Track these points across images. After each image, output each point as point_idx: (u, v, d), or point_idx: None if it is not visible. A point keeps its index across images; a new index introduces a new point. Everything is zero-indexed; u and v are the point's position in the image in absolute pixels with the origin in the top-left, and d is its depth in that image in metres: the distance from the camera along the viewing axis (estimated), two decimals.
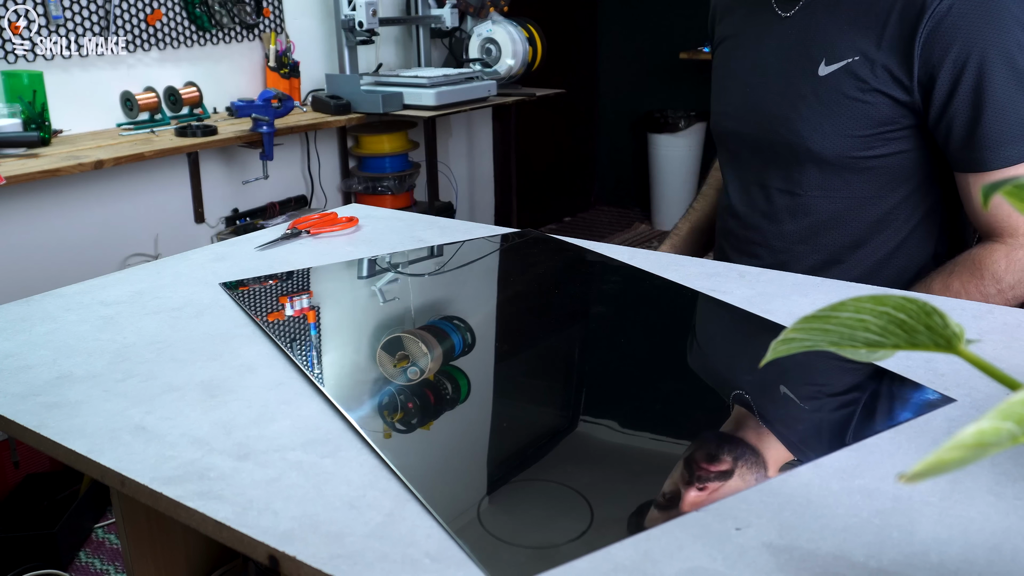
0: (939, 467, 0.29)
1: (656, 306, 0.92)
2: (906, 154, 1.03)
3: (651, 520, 0.51)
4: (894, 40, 0.97)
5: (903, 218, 1.06)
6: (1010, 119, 0.94)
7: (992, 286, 0.97)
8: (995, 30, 0.93)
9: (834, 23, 1.03)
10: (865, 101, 1.00)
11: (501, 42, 3.24)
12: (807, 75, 1.04)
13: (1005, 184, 0.39)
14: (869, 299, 0.42)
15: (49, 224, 2.37)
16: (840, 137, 1.03)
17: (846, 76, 1.01)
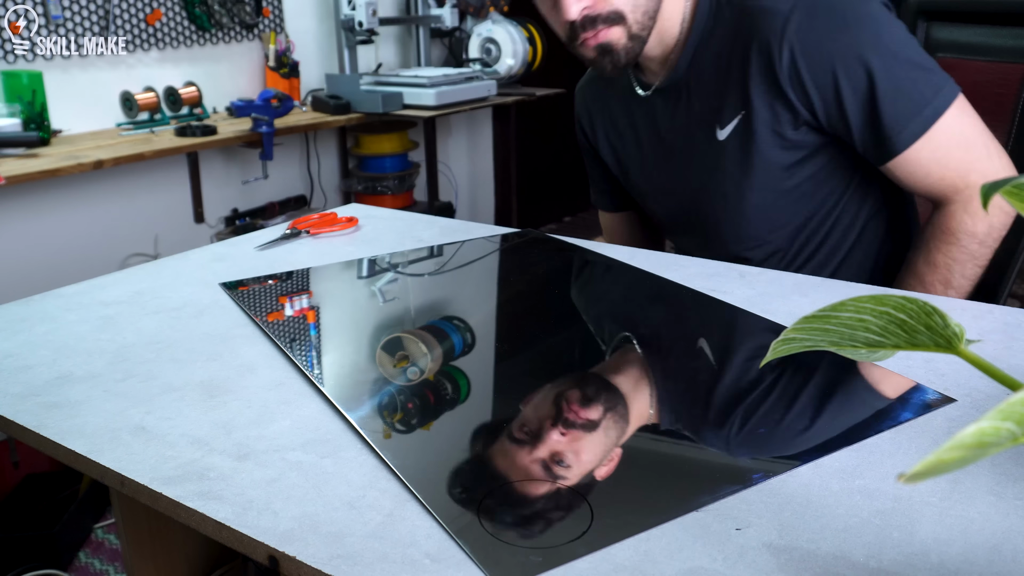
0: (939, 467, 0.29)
1: (656, 306, 0.92)
2: (828, 166, 1.05)
3: (499, 452, 0.52)
4: (764, 84, 1.00)
5: (848, 220, 1.09)
6: (900, 100, 0.96)
7: (971, 243, 0.99)
8: (842, 35, 0.96)
9: (707, 89, 1.05)
10: (767, 146, 1.03)
11: (501, 42, 3.24)
12: (709, 144, 1.07)
13: (1005, 184, 0.39)
14: (869, 299, 0.42)
15: (49, 224, 2.37)
16: (764, 186, 1.05)
17: (741, 132, 1.03)
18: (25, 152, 2.14)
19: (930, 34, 1.26)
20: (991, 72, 1.17)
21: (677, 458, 0.61)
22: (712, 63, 1.04)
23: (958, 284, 1.00)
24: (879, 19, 0.97)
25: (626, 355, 0.78)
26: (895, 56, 0.96)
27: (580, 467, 0.58)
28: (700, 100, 1.06)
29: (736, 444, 0.62)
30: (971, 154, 0.98)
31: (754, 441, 0.62)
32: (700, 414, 0.67)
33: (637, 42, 1.02)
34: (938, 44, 1.24)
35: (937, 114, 0.96)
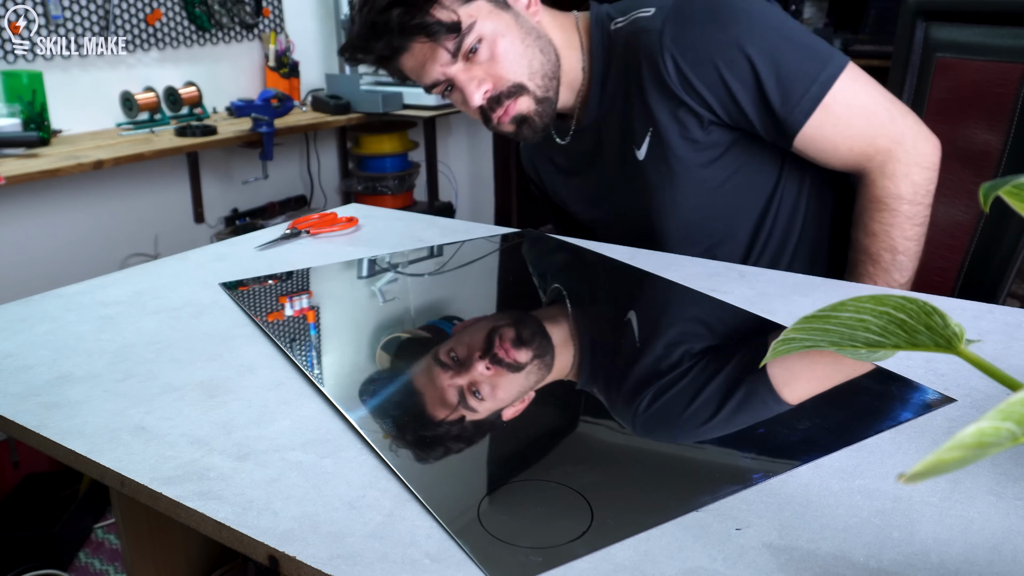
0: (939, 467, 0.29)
1: (656, 306, 0.92)
2: (753, 158, 1.07)
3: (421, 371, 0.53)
4: (662, 98, 1.02)
5: (791, 204, 1.10)
6: (785, 81, 0.98)
7: (900, 204, 1.00)
8: (716, 32, 0.98)
9: (617, 117, 1.08)
10: (684, 151, 1.05)
11: None
12: (633, 168, 1.09)
13: (1005, 184, 0.39)
14: (869, 299, 0.42)
15: (49, 224, 2.37)
16: (695, 192, 1.07)
17: (656, 147, 1.06)
18: (25, 152, 2.14)
19: (929, 34, 1.26)
20: (991, 72, 1.17)
21: (677, 458, 0.61)
22: (616, 94, 1.08)
23: (903, 247, 1.01)
24: (750, 9, 0.99)
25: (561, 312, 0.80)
26: (772, 40, 0.98)
27: (492, 403, 0.59)
28: (615, 130, 1.10)
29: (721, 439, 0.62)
30: (873, 120, 0.99)
31: (753, 441, 0.62)
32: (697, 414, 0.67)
33: (547, 104, 1.05)
34: (937, 44, 1.24)
35: (825, 88, 0.97)
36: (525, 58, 1.02)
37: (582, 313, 0.91)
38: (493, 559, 0.48)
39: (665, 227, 1.11)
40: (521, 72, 1.01)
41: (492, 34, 0.99)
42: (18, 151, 2.14)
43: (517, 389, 0.66)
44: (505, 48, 1.00)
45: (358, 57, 1.04)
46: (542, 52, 1.03)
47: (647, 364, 0.76)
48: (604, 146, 1.12)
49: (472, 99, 1.01)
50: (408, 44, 1.00)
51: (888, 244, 1.01)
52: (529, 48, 1.02)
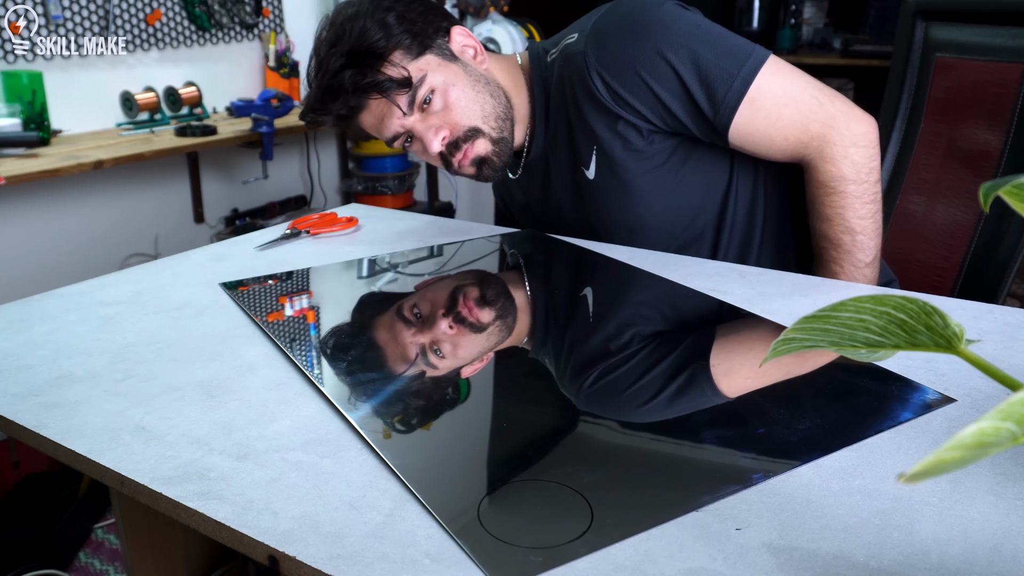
0: (939, 467, 0.29)
1: (656, 306, 0.92)
2: (697, 158, 1.08)
3: (382, 324, 0.54)
4: (599, 115, 1.04)
5: (748, 198, 1.11)
6: (706, 80, 0.99)
7: (846, 185, 1.01)
8: (632, 44, 1.00)
9: (562, 145, 1.10)
10: (631, 162, 1.05)
11: (501, 42, 3.24)
12: (586, 187, 1.10)
13: (1005, 184, 0.39)
14: (869, 299, 0.42)
15: (49, 224, 2.37)
16: (652, 199, 1.08)
17: (604, 162, 1.07)
18: (25, 152, 2.14)
19: (929, 34, 1.26)
20: (990, 72, 1.17)
21: (677, 458, 0.61)
22: (559, 121, 1.10)
23: (860, 227, 1.02)
24: (663, 18, 1.00)
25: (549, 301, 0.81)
26: (689, 44, 0.99)
27: (453, 361, 0.60)
28: (563, 156, 1.12)
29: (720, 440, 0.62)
30: (802, 108, 1.00)
31: (753, 441, 0.62)
32: (697, 413, 0.67)
33: (503, 144, 1.08)
34: (937, 44, 1.24)
35: (748, 83, 0.98)
36: (477, 103, 1.05)
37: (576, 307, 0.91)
38: (493, 559, 0.48)
39: (628, 239, 1.12)
40: (475, 116, 1.05)
41: (443, 84, 1.03)
42: (18, 151, 2.14)
43: (478, 349, 0.70)
44: (457, 96, 1.04)
45: (319, 120, 1.06)
46: (492, 96, 1.07)
47: (647, 366, 0.76)
48: (553, 174, 1.14)
49: (431, 146, 1.04)
50: (364, 102, 1.03)
51: (844, 226, 1.02)
52: (479, 94, 1.06)
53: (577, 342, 0.75)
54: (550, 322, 0.78)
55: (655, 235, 1.11)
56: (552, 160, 1.14)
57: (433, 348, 0.61)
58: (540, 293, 0.96)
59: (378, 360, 0.55)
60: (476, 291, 0.72)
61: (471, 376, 0.74)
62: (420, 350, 0.59)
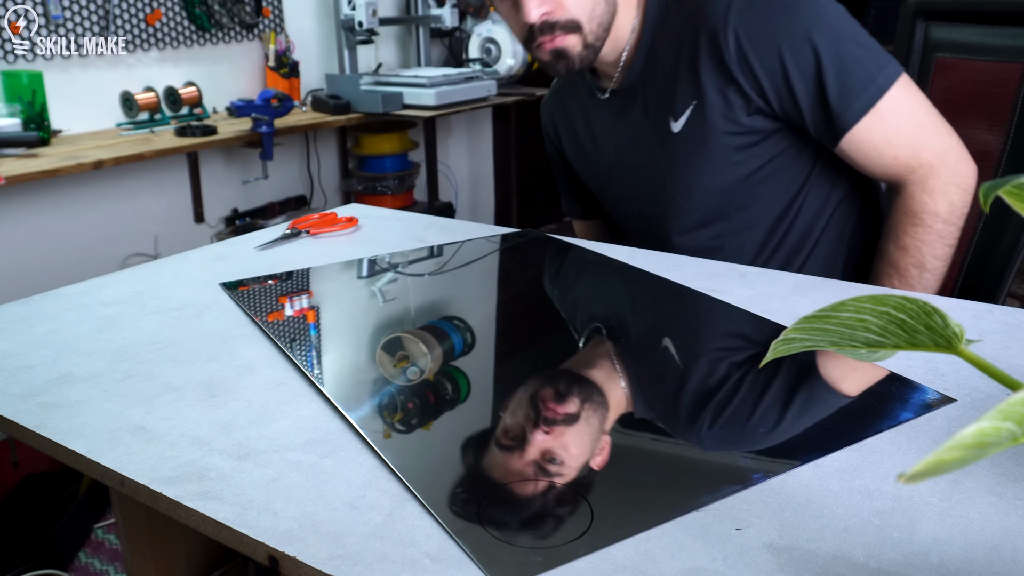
0: (939, 467, 0.29)
1: (656, 306, 0.92)
2: (786, 151, 1.06)
3: (492, 463, 0.52)
4: (714, 72, 1.01)
5: (815, 208, 1.10)
6: (845, 77, 0.97)
7: (936, 222, 1.00)
8: (784, 16, 0.98)
9: (660, 85, 1.07)
10: (724, 132, 1.04)
11: (501, 42, 3.24)
12: (665, 137, 1.08)
13: (1005, 184, 0.39)
14: (869, 299, 0.42)
15: (49, 224, 2.37)
16: (722, 172, 1.06)
17: (695, 122, 1.05)
18: (25, 152, 2.14)
19: (929, 34, 1.26)
20: (990, 72, 1.17)
21: (677, 458, 0.61)
22: (663, 60, 1.06)
23: (932, 266, 1.01)
24: (819, 1, 0.99)
25: (598, 348, 0.79)
26: (838, 35, 0.98)
27: (573, 460, 0.58)
28: (654, 96, 1.09)
29: (721, 440, 0.62)
30: (921, 132, 0.99)
31: (753, 440, 0.62)
32: (697, 414, 0.67)
33: (591, 51, 1.05)
34: (937, 44, 1.24)
35: (882, 91, 0.97)
36: (591, 1, 1.02)
37: (597, 334, 0.91)
38: (493, 559, 0.48)
39: (683, 205, 1.10)
40: (583, 11, 1.02)
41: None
42: (18, 151, 2.14)
43: (588, 437, 0.62)
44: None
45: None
46: (605, 1, 1.04)
47: (728, 386, 0.76)
48: (637, 111, 1.11)
49: (528, 14, 1.00)
50: None
51: (917, 260, 1.01)
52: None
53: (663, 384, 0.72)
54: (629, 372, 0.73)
55: (709, 212, 1.10)
56: (641, 96, 1.10)
57: (548, 460, 0.58)
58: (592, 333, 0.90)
59: (508, 496, 0.53)
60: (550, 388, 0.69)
61: (472, 377, 0.74)
62: (537, 469, 0.57)
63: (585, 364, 0.74)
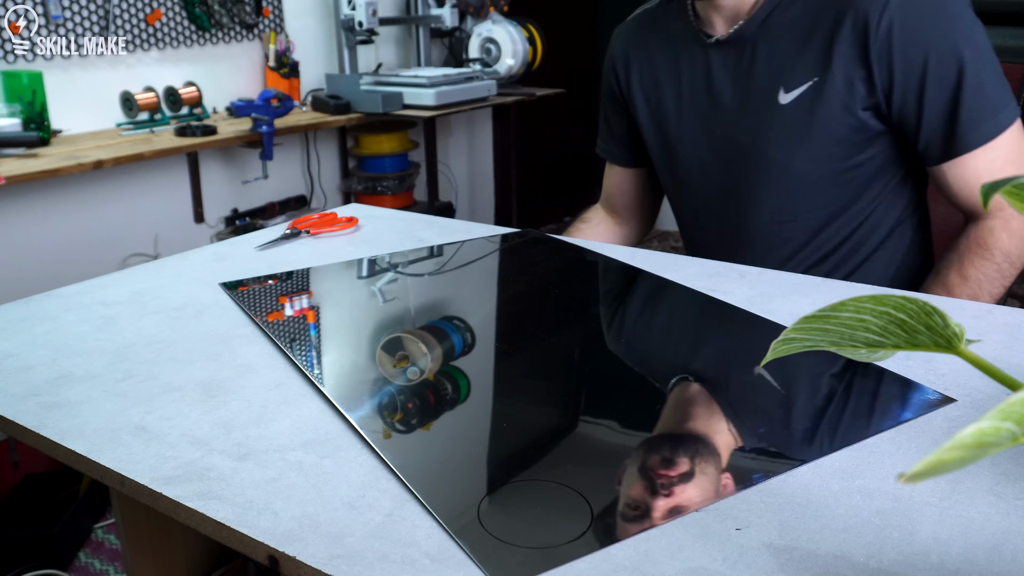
0: (939, 467, 0.29)
1: (656, 306, 0.92)
2: (878, 158, 1.05)
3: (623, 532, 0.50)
4: (848, 57, 0.98)
5: (875, 221, 1.08)
6: (980, 99, 0.96)
7: (1004, 261, 0.99)
8: (942, 22, 0.96)
9: (779, 49, 1.03)
10: (832, 118, 1.01)
11: (501, 42, 3.24)
12: (768, 105, 1.04)
13: (1005, 184, 0.39)
14: (869, 299, 0.42)
15: (49, 224, 2.37)
16: (815, 158, 1.04)
17: (808, 100, 1.01)
18: (25, 152, 2.14)
19: None
20: None
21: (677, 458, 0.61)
22: (789, 25, 1.02)
23: (983, 301, 0.99)
24: (974, 19, 0.97)
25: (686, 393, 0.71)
26: (984, 59, 0.96)
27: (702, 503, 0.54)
28: (766, 59, 1.04)
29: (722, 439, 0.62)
30: (1020, 172, 0.98)
31: (753, 440, 0.62)
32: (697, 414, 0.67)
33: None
34: None
35: (1003, 126, 0.96)
36: None
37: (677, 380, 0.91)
38: (493, 559, 0.48)
39: (759, 178, 1.06)
40: None
41: None
42: (18, 151, 2.14)
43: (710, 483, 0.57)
44: None
45: None
46: None
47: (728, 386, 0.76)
48: (742, 70, 1.06)
49: None
50: None
51: (974, 292, 0.99)
52: None
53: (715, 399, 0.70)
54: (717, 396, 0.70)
55: (779, 191, 1.06)
56: (749, 53, 1.05)
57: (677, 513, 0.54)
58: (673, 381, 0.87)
59: (509, 496, 0.51)
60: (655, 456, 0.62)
61: (472, 377, 0.74)
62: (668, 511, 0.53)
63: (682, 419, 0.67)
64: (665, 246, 3.86)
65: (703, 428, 0.64)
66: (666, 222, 4.17)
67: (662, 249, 1.32)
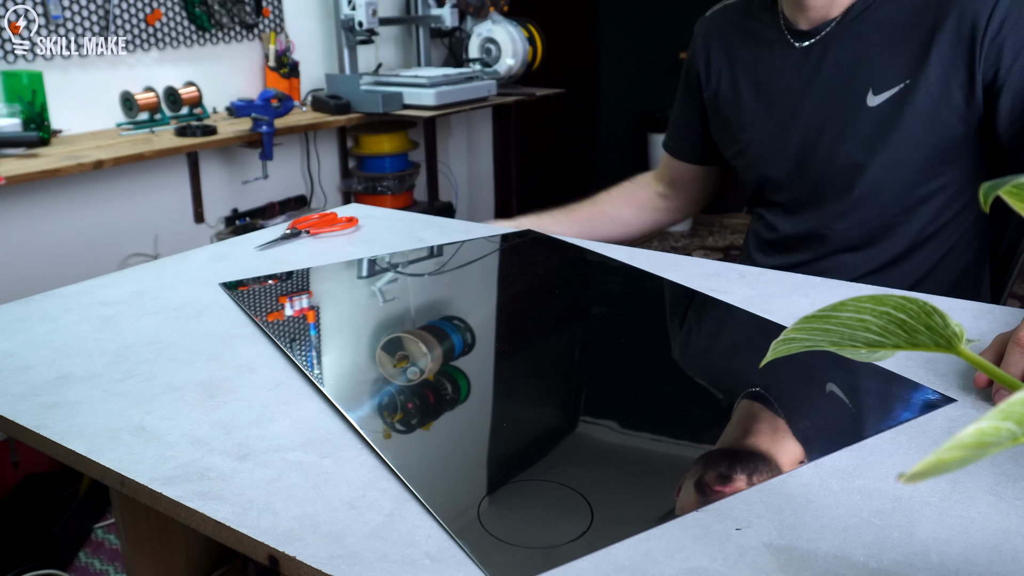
0: (939, 467, 0.29)
1: (656, 306, 0.92)
2: (951, 174, 1.01)
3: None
4: (948, 58, 0.94)
5: (942, 243, 1.04)
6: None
7: None
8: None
9: (869, 50, 0.99)
10: (920, 123, 0.97)
11: (501, 42, 3.24)
12: (854, 108, 1.01)
13: (1005, 184, 0.39)
14: (869, 299, 0.42)
15: (49, 224, 2.37)
16: (893, 164, 1.00)
17: (899, 102, 0.97)
18: (25, 152, 2.14)
19: None
20: None
21: (677, 458, 0.61)
22: (881, 25, 0.98)
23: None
24: None
25: (687, 393, 0.71)
26: None
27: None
28: (854, 61, 1.00)
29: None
30: None
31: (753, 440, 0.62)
32: (697, 414, 0.67)
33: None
34: None
35: None
36: None
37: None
38: (493, 559, 0.48)
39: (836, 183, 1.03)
40: None
41: None
42: (18, 151, 2.14)
43: (704, 482, 0.57)
44: None
45: None
46: None
47: (728, 387, 0.76)
48: (827, 67, 1.02)
49: None
50: None
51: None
52: None
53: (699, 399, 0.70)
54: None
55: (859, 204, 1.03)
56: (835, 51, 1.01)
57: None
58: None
59: (509, 496, 0.50)
60: (711, 472, 0.60)
61: (472, 377, 0.74)
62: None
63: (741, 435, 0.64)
64: (665, 246, 3.86)
65: (703, 427, 0.64)
66: None
67: (662, 249, 1.32)
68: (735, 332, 0.83)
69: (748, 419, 0.65)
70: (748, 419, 0.65)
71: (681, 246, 3.96)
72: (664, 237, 4.02)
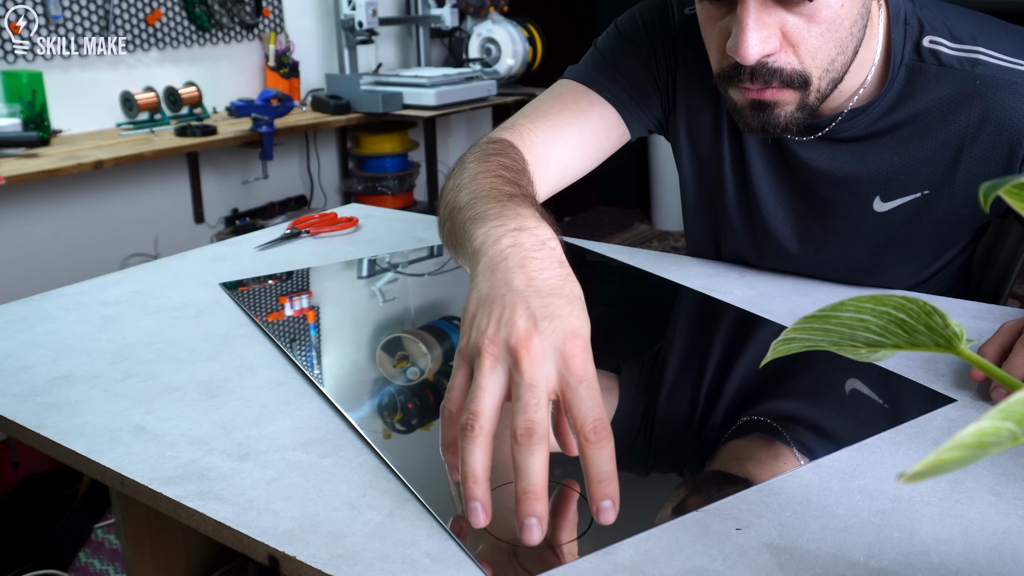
0: (939, 467, 0.29)
1: (656, 306, 0.92)
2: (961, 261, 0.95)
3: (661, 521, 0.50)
4: (979, 173, 0.82)
5: (947, 280, 0.98)
6: None
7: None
8: None
9: (882, 155, 0.85)
10: (937, 233, 0.88)
11: (501, 42, 3.24)
12: (857, 212, 0.88)
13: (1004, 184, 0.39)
14: (869, 299, 0.42)
15: (49, 224, 2.37)
16: (905, 268, 0.91)
17: (912, 211, 0.86)
18: (25, 152, 2.14)
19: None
20: None
21: (677, 458, 0.61)
22: (899, 133, 0.84)
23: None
24: None
25: (687, 393, 0.68)
26: None
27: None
28: (858, 161, 0.86)
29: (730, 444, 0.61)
30: None
31: (753, 439, 0.62)
32: (697, 414, 0.67)
33: (804, 114, 0.77)
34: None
35: None
36: (836, 50, 0.74)
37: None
38: (493, 559, 0.48)
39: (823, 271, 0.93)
40: (819, 64, 0.74)
41: (837, 4, 0.72)
42: (18, 151, 2.14)
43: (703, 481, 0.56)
44: (829, 28, 0.72)
45: None
46: (852, 45, 0.76)
47: (728, 387, 0.76)
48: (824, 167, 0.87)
49: (746, 50, 0.70)
50: None
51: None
52: (846, 39, 0.74)
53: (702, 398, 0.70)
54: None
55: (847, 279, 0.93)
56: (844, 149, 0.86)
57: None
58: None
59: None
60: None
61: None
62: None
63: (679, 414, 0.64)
64: (665, 246, 3.86)
65: (703, 427, 0.64)
66: (666, 222, 4.18)
67: (662, 249, 1.32)
68: (735, 332, 0.83)
69: (748, 419, 0.65)
70: (748, 419, 0.65)
71: (681, 246, 3.96)
72: (664, 237, 4.02)
